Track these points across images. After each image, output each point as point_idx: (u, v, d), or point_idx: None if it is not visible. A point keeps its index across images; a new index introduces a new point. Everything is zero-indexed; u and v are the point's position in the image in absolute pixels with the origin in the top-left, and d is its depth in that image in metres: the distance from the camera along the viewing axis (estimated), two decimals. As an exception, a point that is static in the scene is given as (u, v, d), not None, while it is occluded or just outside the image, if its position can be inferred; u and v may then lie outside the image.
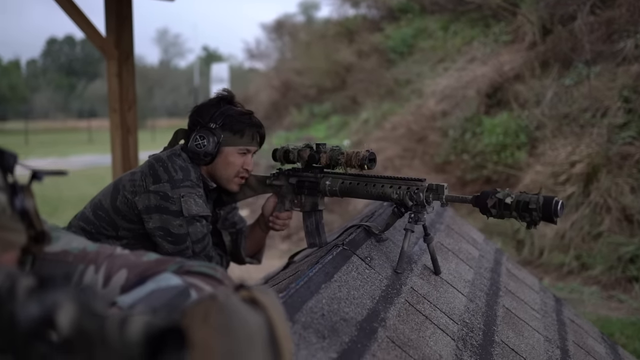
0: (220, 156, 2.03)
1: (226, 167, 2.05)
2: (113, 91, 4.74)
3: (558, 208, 1.55)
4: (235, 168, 2.06)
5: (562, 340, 2.18)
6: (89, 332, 0.57)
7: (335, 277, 1.51)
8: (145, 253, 1.14)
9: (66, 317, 0.59)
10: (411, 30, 12.17)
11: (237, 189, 2.12)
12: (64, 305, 0.60)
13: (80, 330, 0.58)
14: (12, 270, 0.69)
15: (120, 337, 0.54)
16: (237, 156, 2.05)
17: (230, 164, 2.05)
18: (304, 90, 13.61)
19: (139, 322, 0.54)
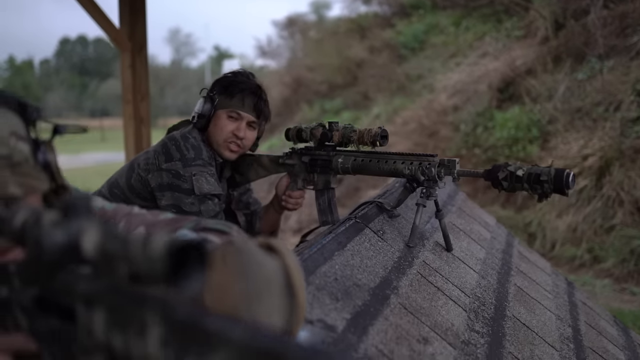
0: (214, 120, 2.05)
1: (216, 131, 2.05)
2: (126, 83, 4.79)
3: (570, 180, 1.55)
4: (224, 132, 2.05)
5: (573, 320, 2.18)
6: (113, 254, 0.59)
7: (348, 246, 1.53)
8: (162, 212, 1.16)
9: (90, 241, 0.61)
10: (423, 26, 12.15)
11: (230, 156, 2.09)
12: (88, 230, 0.62)
13: (105, 252, 0.60)
14: (37, 207, 0.72)
15: (143, 254, 0.56)
16: (227, 120, 2.04)
17: (219, 128, 2.05)
18: (315, 87, 13.63)
19: (161, 239, 0.56)
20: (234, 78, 2.08)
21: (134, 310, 0.59)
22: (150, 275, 0.56)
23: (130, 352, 0.58)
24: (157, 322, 0.56)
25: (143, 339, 0.56)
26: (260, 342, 0.48)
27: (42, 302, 0.72)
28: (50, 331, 0.69)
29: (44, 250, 0.63)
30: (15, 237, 0.71)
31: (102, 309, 0.62)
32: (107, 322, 0.61)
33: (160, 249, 0.55)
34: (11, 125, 0.92)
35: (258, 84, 2.09)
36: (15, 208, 0.71)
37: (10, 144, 0.90)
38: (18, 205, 0.72)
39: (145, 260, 0.56)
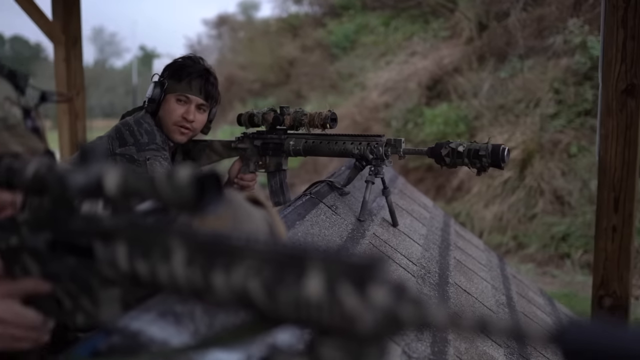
0: (164, 104, 2.08)
1: (166, 115, 2.08)
2: (60, 77, 4.68)
3: (505, 154, 1.72)
4: (173, 115, 2.07)
5: (506, 289, 2.37)
6: (138, 190, 0.67)
7: (307, 217, 1.63)
8: None
9: (112, 180, 0.68)
10: (353, 26, 12.42)
11: (181, 139, 2.11)
12: (110, 171, 0.69)
13: (128, 190, 0.68)
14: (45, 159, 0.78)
15: (170, 185, 0.64)
16: (176, 104, 2.07)
17: (168, 111, 2.07)
18: (248, 85, 13.65)
19: (184, 171, 0.64)
20: (182, 62, 2.13)
21: (156, 238, 0.67)
22: (178, 203, 0.64)
23: (156, 275, 0.65)
24: (180, 246, 0.64)
25: (168, 262, 0.64)
26: (282, 249, 0.57)
27: (55, 245, 0.78)
28: (66, 270, 0.75)
29: (67, 189, 0.69)
30: (28, 186, 0.77)
31: (124, 241, 0.69)
32: (130, 252, 0.68)
33: (185, 179, 0.63)
34: (4, 91, 0.96)
35: (207, 67, 2.14)
36: (25, 160, 0.77)
37: (5, 108, 0.95)
38: (27, 158, 0.77)
39: (173, 191, 0.63)
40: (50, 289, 0.80)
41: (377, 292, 0.50)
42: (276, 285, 0.56)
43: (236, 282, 0.58)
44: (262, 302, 0.57)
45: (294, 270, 0.55)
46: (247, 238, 0.61)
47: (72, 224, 0.75)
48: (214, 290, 0.60)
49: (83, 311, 0.77)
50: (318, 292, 0.53)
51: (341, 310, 0.51)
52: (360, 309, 0.50)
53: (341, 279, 0.52)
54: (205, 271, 0.61)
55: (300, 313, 0.55)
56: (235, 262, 0.60)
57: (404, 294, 0.51)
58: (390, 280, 0.52)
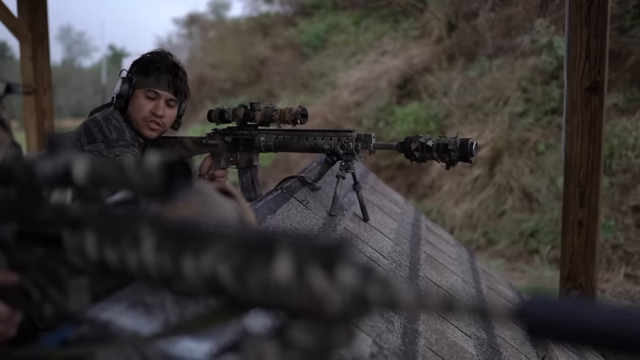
0: (132, 100, 2.06)
1: (135, 111, 2.06)
2: (27, 75, 4.60)
3: (473, 148, 1.74)
4: (142, 111, 2.05)
5: (476, 283, 2.41)
6: (107, 178, 0.66)
7: (278, 211, 1.63)
8: None
9: (81, 168, 0.68)
10: (324, 26, 12.45)
11: (151, 135, 2.10)
12: (78, 160, 0.69)
13: (97, 178, 0.67)
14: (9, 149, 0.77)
15: (139, 172, 0.63)
16: (144, 99, 2.05)
17: (137, 107, 2.05)
18: (219, 84, 13.57)
19: (153, 158, 0.64)
20: (150, 57, 2.11)
21: (125, 226, 0.66)
22: (147, 189, 0.64)
23: (125, 262, 0.65)
24: (149, 233, 0.64)
25: (137, 249, 0.64)
26: (251, 234, 0.58)
27: (21, 236, 0.77)
28: (34, 261, 0.75)
29: (35, 178, 0.68)
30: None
31: (92, 230, 0.69)
32: (99, 241, 0.68)
33: (154, 166, 0.63)
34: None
35: (175, 62, 2.12)
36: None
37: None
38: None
39: (142, 178, 0.63)
40: (17, 281, 0.79)
41: (344, 273, 0.51)
42: (245, 270, 0.56)
43: (205, 267, 0.59)
44: (232, 287, 0.58)
45: (263, 254, 0.56)
46: (216, 224, 0.61)
47: (40, 213, 0.74)
48: (183, 276, 0.61)
49: (51, 302, 0.76)
50: (287, 275, 0.54)
51: (310, 292, 0.52)
52: (329, 290, 0.51)
53: (309, 261, 0.53)
54: (174, 257, 0.62)
55: (269, 296, 0.55)
56: (204, 247, 0.60)
57: (372, 275, 0.52)
58: (358, 261, 0.53)
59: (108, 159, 1.91)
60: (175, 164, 0.64)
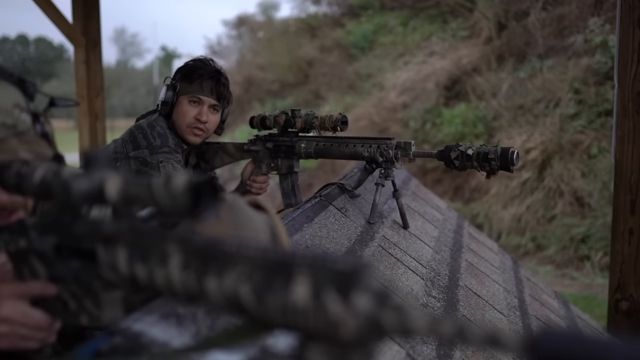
0: (176, 106, 2.11)
1: (179, 117, 2.11)
2: (80, 78, 4.77)
3: (514, 157, 1.71)
4: (186, 117, 2.10)
5: (519, 292, 2.36)
6: (138, 196, 0.69)
7: (316, 220, 1.64)
8: None
9: (113, 187, 0.70)
10: (371, 26, 12.41)
11: (195, 141, 2.15)
12: (111, 177, 0.71)
13: (128, 196, 0.70)
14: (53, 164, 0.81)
15: (166, 192, 0.66)
16: (188, 105, 2.10)
17: (181, 113, 2.11)
18: (267, 85, 13.71)
19: (180, 177, 0.65)
20: (193, 64, 2.16)
21: (154, 243, 0.68)
22: (174, 210, 0.66)
23: (153, 279, 0.67)
24: (177, 251, 0.66)
25: (165, 266, 0.66)
26: (272, 255, 0.59)
27: (60, 248, 0.81)
28: (70, 273, 0.78)
29: (71, 196, 0.71)
30: (35, 191, 0.79)
31: (124, 245, 0.71)
32: (130, 256, 0.70)
33: (181, 186, 0.65)
34: (14, 98, 1.00)
35: (217, 68, 2.17)
36: (34, 166, 0.80)
37: (15, 115, 0.98)
38: (36, 164, 0.80)
39: (169, 197, 0.65)
40: (56, 291, 0.82)
41: (359, 299, 0.52)
42: (265, 291, 0.57)
43: (228, 287, 0.60)
44: (253, 307, 0.59)
45: (282, 277, 0.57)
46: (239, 243, 0.62)
47: (77, 228, 0.77)
48: (207, 294, 0.62)
49: (87, 313, 0.79)
50: (304, 298, 0.54)
51: (325, 316, 0.53)
52: (344, 314, 0.52)
53: (326, 286, 0.54)
54: (199, 276, 0.63)
55: (287, 318, 0.56)
56: (227, 267, 0.61)
57: (387, 301, 0.52)
58: (374, 287, 0.53)
59: (152, 167, 1.97)
60: (202, 184, 0.66)
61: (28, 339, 0.87)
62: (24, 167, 0.80)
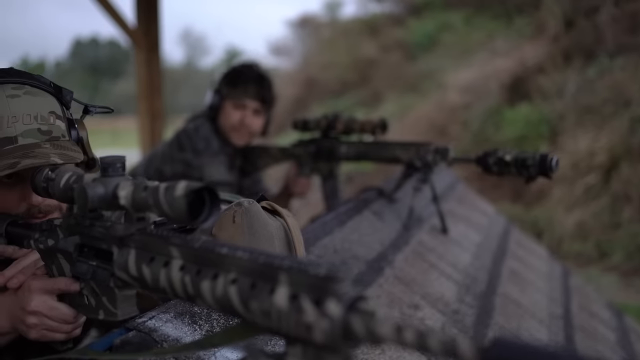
0: (222, 110, 2.21)
1: (225, 121, 2.21)
2: (141, 80, 4.97)
3: (553, 163, 1.68)
4: (230, 120, 2.21)
5: (566, 301, 2.30)
6: (144, 200, 0.73)
7: (349, 223, 1.67)
8: None
9: (124, 191, 0.75)
10: (433, 25, 12.23)
11: (240, 143, 2.25)
12: (123, 183, 0.76)
13: (136, 199, 0.74)
14: (78, 169, 0.87)
15: (167, 197, 0.70)
16: (232, 109, 2.20)
17: (226, 117, 2.21)
18: (327, 86, 13.75)
19: (181, 184, 0.69)
20: (238, 69, 2.25)
21: (159, 246, 0.73)
22: (174, 215, 0.70)
23: (157, 280, 0.72)
24: (177, 254, 0.70)
25: (167, 269, 0.70)
26: (260, 258, 0.62)
27: (82, 248, 0.87)
28: (90, 270, 0.84)
29: (88, 200, 0.76)
30: (60, 195, 0.85)
31: (134, 248, 0.76)
32: (138, 258, 0.75)
33: (180, 192, 0.69)
34: (50, 106, 1.07)
35: (260, 72, 2.24)
36: (61, 171, 0.86)
37: (50, 121, 1.05)
38: (63, 169, 0.86)
39: (169, 202, 0.69)
40: (78, 288, 0.88)
41: (331, 305, 0.54)
42: (250, 296, 0.61)
43: (219, 291, 0.64)
44: (241, 310, 0.62)
45: (266, 282, 0.60)
46: (230, 248, 0.65)
47: (94, 230, 0.83)
48: (203, 296, 0.66)
49: (104, 309, 0.85)
50: (284, 303, 0.57)
51: (301, 320, 0.55)
52: (317, 319, 0.54)
53: (304, 292, 0.56)
54: (195, 278, 0.67)
55: (270, 322, 0.59)
56: (219, 272, 0.65)
57: (358, 307, 0.54)
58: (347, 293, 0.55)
59: (195, 169, 2.05)
60: (201, 190, 0.69)
61: (55, 331, 0.93)
62: (53, 172, 0.87)
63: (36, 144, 1.02)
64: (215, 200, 0.70)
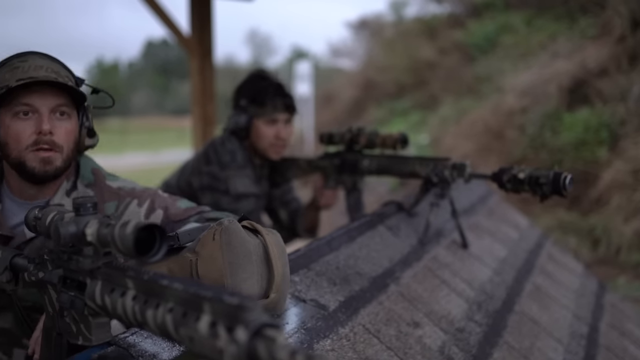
0: (253, 129, 2.26)
1: (258, 139, 2.26)
2: (196, 86, 5.15)
3: (566, 182, 1.67)
4: (266, 139, 2.26)
5: (594, 319, 2.25)
6: (105, 237, 0.81)
7: (358, 240, 1.71)
8: (180, 199, 1.40)
9: (91, 229, 0.84)
10: (494, 26, 11.98)
11: (276, 157, 2.31)
12: (91, 222, 0.84)
13: (100, 236, 0.82)
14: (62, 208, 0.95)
15: (120, 234, 0.77)
16: (265, 127, 2.25)
17: (261, 136, 2.26)
18: (385, 88, 13.72)
19: (133, 222, 0.77)
20: (259, 86, 2.29)
21: (119, 278, 0.81)
22: (124, 251, 0.77)
23: (115, 309, 0.80)
24: (132, 286, 0.78)
25: (124, 299, 0.78)
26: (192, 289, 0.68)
27: (65, 280, 0.96)
28: (69, 300, 0.93)
29: (60, 237, 0.86)
30: (46, 231, 0.94)
31: (99, 279, 0.85)
32: (102, 289, 0.83)
33: (129, 230, 0.76)
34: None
35: (279, 83, 2.29)
36: (47, 211, 0.95)
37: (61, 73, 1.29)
38: (49, 209, 0.95)
39: (120, 239, 0.77)
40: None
41: (239, 331, 0.60)
42: (180, 323, 0.67)
43: (159, 319, 0.70)
44: (175, 336, 0.69)
45: (194, 311, 0.66)
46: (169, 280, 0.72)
47: (72, 264, 0.92)
48: (147, 323, 0.73)
49: (82, 335, 0.94)
50: (205, 330, 0.63)
51: (215, 345, 0.62)
52: (227, 344, 0.60)
53: (221, 319, 0.62)
54: (142, 307, 0.74)
55: (194, 346, 0.66)
56: (161, 301, 0.72)
57: (262, 334, 0.59)
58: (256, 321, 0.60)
59: (221, 182, 2.14)
60: (150, 228, 0.76)
61: None
62: (39, 210, 0.96)
63: None
64: (162, 237, 0.76)
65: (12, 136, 1.26)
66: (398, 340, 1.36)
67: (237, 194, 2.17)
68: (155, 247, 0.76)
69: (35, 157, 1.27)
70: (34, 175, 1.28)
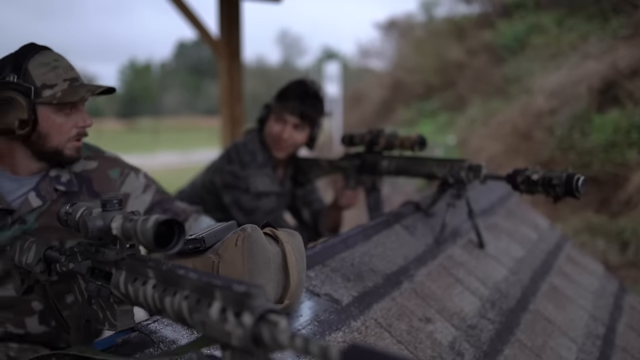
0: (267, 123, 2.38)
1: (267, 133, 2.37)
2: (224, 87, 5.26)
3: (579, 184, 1.70)
4: (272, 134, 2.35)
5: (611, 320, 2.26)
6: (128, 230, 0.89)
7: (374, 238, 1.76)
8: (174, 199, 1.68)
9: (116, 224, 0.91)
10: (524, 26, 11.87)
11: (279, 155, 2.38)
12: (116, 217, 0.92)
13: (124, 230, 0.90)
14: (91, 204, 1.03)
15: (142, 228, 0.85)
16: (274, 123, 2.34)
17: (268, 130, 2.37)
18: (413, 88, 13.71)
19: (154, 216, 0.84)
20: (288, 85, 2.39)
21: (141, 269, 0.88)
22: (145, 244, 0.85)
23: (137, 297, 0.87)
24: (153, 276, 0.85)
25: (145, 287, 0.86)
26: (205, 278, 0.75)
27: (94, 270, 1.03)
28: (97, 289, 1.00)
29: (88, 231, 0.93)
30: (76, 226, 1.02)
31: (124, 270, 0.92)
32: (126, 278, 0.91)
33: (150, 225, 0.83)
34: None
35: (307, 89, 2.36)
36: (77, 206, 1.03)
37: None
38: (79, 204, 1.03)
39: (142, 233, 0.84)
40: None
41: (245, 316, 0.66)
42: (194, 309, 0.74)
43: (176, 305, 0.78)
44: (189, 321, 0.76)
45: (206, 298, 0.73)
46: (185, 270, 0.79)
47: (99, 255, 1.00)
48: (166, 310, 0.80)
49: (108, 321, 1.02)
50: (216, 315, 0.70)
51: (224, 328, 0.69)
52: (234, 328, 0.67)
53: (230, 305, 0.69)
54: (161, 295, 0.82)
55: (206, 330, 0.73)
56: (178, 289, 0.79)
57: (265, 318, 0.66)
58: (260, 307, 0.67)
59: (241, 180, 2.22)
60: (168, 223, 0.84)
61: None
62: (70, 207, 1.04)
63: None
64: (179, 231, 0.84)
65: (56, 128, 1.46)
66: (409, 334, 1.41)
67: (257, 192, 2.25)
68: (174, 240, 0.83)
69: (73, 146, 1.51)
70: (67, 160, 1.52)
